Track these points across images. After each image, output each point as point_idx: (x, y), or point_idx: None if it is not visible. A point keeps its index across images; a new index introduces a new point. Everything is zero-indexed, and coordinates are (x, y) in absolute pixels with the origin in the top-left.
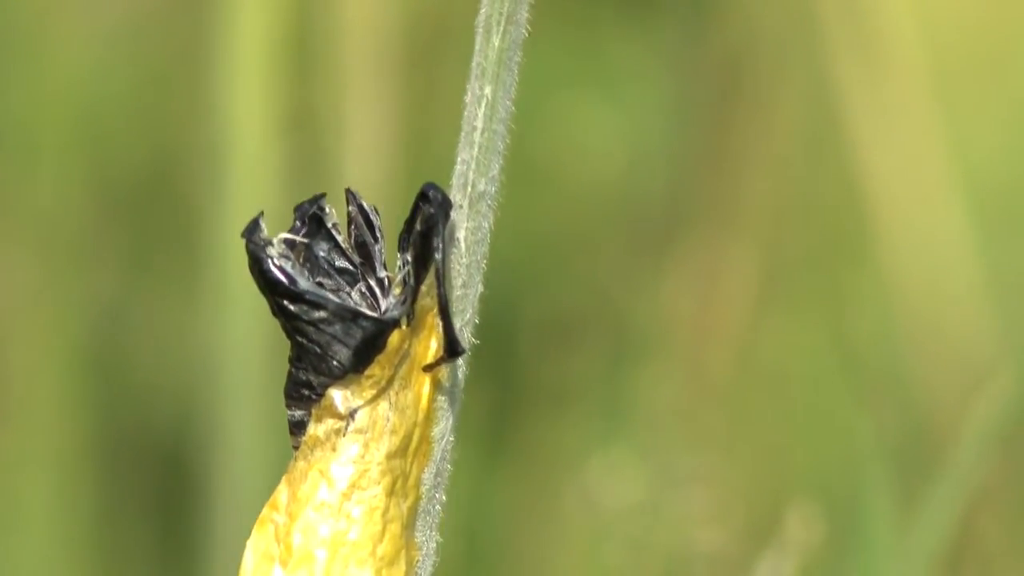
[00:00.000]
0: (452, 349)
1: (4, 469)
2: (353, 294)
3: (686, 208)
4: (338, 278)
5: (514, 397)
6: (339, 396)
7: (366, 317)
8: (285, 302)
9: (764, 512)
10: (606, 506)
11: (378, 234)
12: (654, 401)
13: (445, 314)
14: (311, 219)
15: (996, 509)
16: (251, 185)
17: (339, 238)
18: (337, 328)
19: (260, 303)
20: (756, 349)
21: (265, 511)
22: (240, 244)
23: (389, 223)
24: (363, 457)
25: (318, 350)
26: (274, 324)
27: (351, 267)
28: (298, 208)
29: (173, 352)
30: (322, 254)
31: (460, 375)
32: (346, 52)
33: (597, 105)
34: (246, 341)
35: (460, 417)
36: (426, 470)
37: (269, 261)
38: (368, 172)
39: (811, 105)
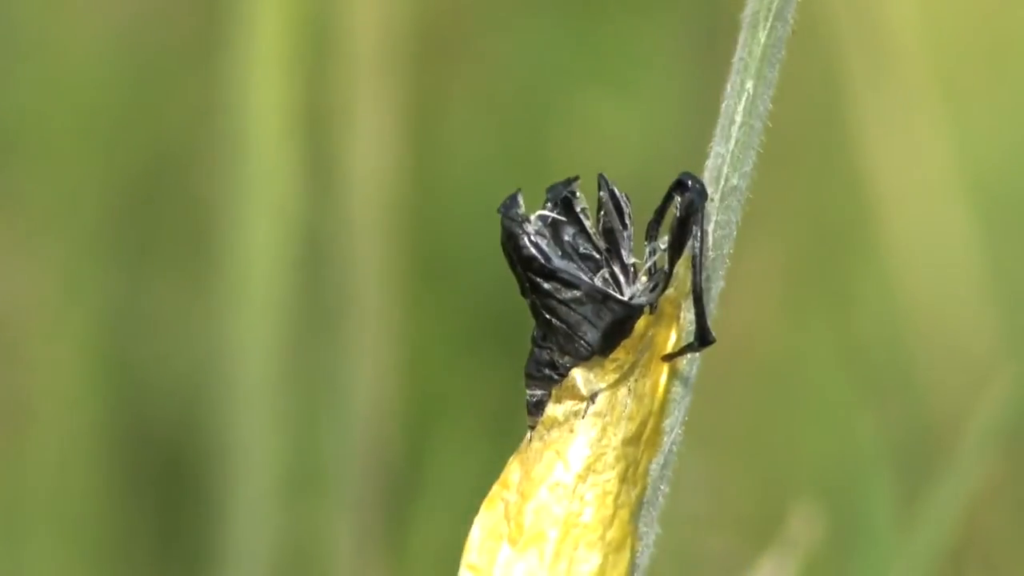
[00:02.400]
0: (704, 338)
1: (13, 467)
2: (596, 280)
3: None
4: (580, 263)
5: (522, 389)
6: (582, 377)
7: (618, 300)
8: (539, 279)
9: (768, 511)
10: None
11: (627, 220)
12: None
13: (699, 302)
14: (562, 202)
15: (999, 508)
16: (263, 182)
17: (587, 223)
18: (588, 309)
19: (271, 302)
20: (763, 350)
21: (495, 489)
22: (252, 243)
23: (401, 219)
24: (600, 441)
25: (567, 330)
26: (284, 323)
27: (595, 254)
28: (551, 189)
29: (184, 350)
30: (567, 238)
31: (695, 368)
32: (358, 49)
33: (612, 100)
34: (257, 339)
35: (690, 410)
36: (654, 460)
37: (525, 237)
38: (381, 168)
39: (819, 105)
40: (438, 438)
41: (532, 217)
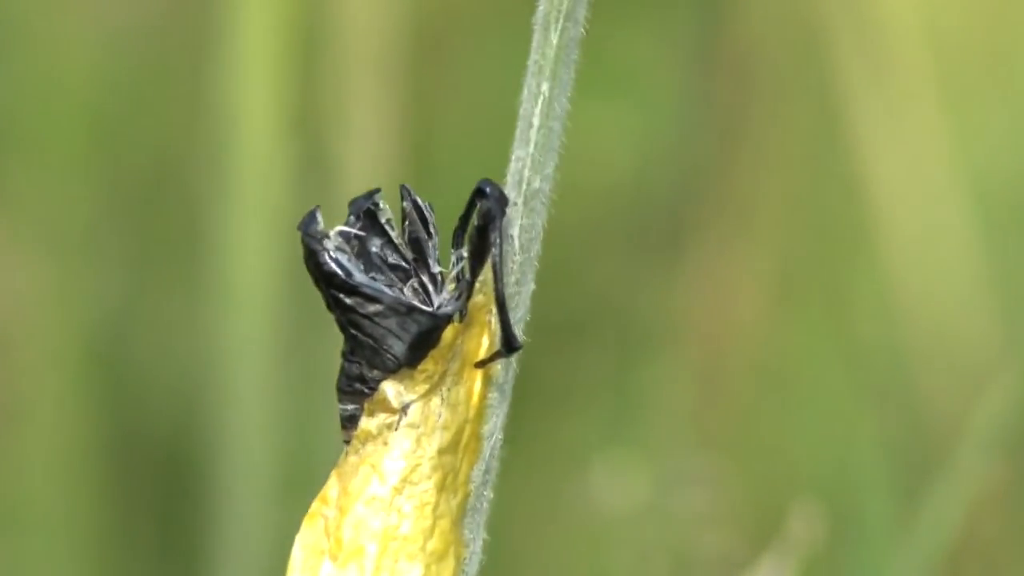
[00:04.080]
0: (509, 345)
1: (10, 468)
2: (405, 290)
3: (695, 208)
4: (390, 274)
5: (520, 397)
6: (392, 390)
7: (421, 312)
8: (340, 295)
9: (768, 513)
10: (610, 507)
11: (432, 230)
12: (660, 402)
13: (503, 309)
14: (365, 214)
15: (998, 510)
16: (256, 184)
17: (392, 234)
18: (392, 322)
19: (265, 302)
20: (762, 350)
21: (315, 505)
22: (247, 244)
23: (396, 221)
24: (415, 452)
25: (372, 343)
26: (279, 324)
27: (404, 263)
28: (352, 203)
29: (178, 351)
30: (375, 249)
31: (511, 373)
32: (351, 50)
33: (608, 103)
34: (251, 340)
35: (509, 415)
36: (475, 467)
37: (325, 254)
38: (373, 171)
39: (818, 107)
40: None
41: (332, 233)
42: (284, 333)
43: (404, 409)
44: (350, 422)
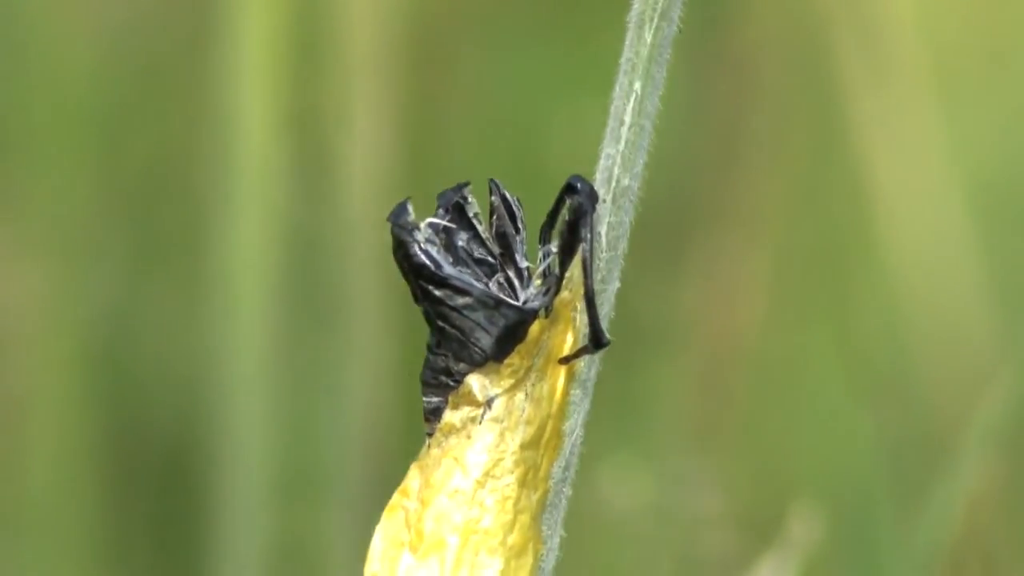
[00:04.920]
0: (597, 341)
1: (9, 468)
2: (491, 284)
3: (695, 210)
4: (476, 268)
5: None
6: (478, 383)
7: (510, 306)
8: (430, 287)
9: (768, 511)
10: (612, 507)
11: (520, 224)
12: (661, 403)
13: (591, 305)
14: (453, 208)
15: (999, 509)
16: (256, 183)
17: (480, 228)
18: (480, 315)
19: (265, 302)
20: (764, 351)
21: (395, 497)
22: (247, 244)
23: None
24: (498, 446)
25: (460, 336)
26: (279, 324)
27: (490, 258)
28: (441, 196)
29: (178, 350)
30: (461, 243)
31: (594, 370)
32: (351, 49)
33: (605, 105)
34: (251, 340)
35: (591, 412)
36: (555, 463)
37: (415, 245)
38: (373, 171)
39: (818, 107)
40: None
41: (422, 225)
42: (284, 333)
43: (489, 403)
44: (433, 415)
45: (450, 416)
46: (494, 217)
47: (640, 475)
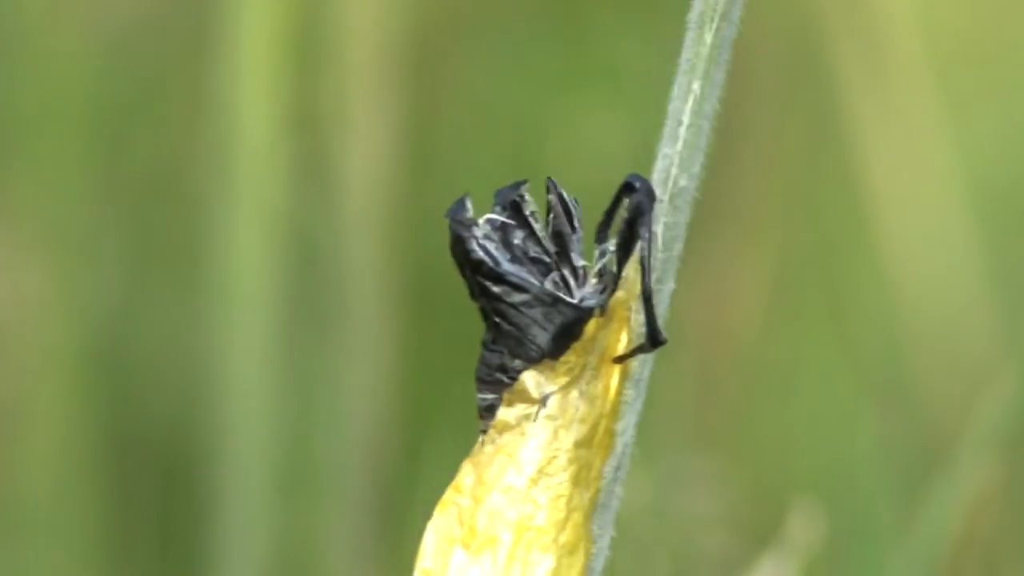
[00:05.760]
0: (654, 339)
1: (10, 468)
2: (547, 283)
3: (693, 208)
4: (531, 266)
5: None
6: (533, 381)
7: (567, 303)
8: (487, 283)
9: (768, 513)
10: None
11: (576, 224)
12: (660, 402)
13: (648, 304)
14: (511, 205)
15: (999, 510)
16: (256, 185)
17: (536, 226)
18: (537, 312)
19: (265, 302)
20: (762, 350)
21: (448, 494)
22: (246, 245)
23: (395, 221)
24: (552, 444)
25: (516, 333)
26: (279, 324)
27: (545, 256)
28: (498, 193)
29: (178, 351)
30: (517, 241)
31: (647, 370)
32: (351, 51)
33: (602, 106)
34: (252, 340)
35: (643, 413)
36: (607, 463)
37: (473, 241)
38: (374, 171)
39: (818, 107)
40: (434, 439)
41: (480, 221)
42: (284, 333)
43: (543, 400)
44: (488, 412)
45: (504, 413)
46: (551, 216)
47: (638, 474)
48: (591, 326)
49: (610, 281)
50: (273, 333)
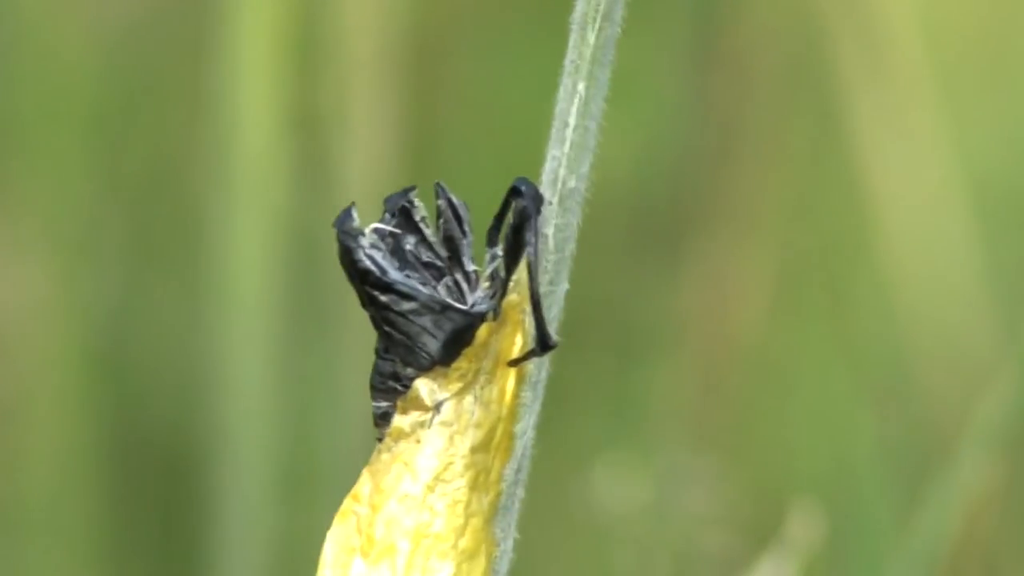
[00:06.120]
0: (544, 343)
1: (9, 467)
2: (439, 288)
3: (693, 208)
4: (424, 272)
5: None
6: (426, 388)
7: (456, 309)
8: (375, 292)
9: (768, 513)
10: (611, 507)
11: (466, 228)
12: (660, 402)
13: (537, 307)
14: (400, 211)
15: (999, 510)
16: (256, 184)
17: (427, 232)
18: (427, 319)
19: (265, 302)
20: (763, 350)
21: (347, 503)
22: (246, 245)
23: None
24: (447, 450)
25: (407, 341)
26: (279, 323)
27: (437, 261)
28: (387, 200)
29: (178, 350)
30: (408, 247)
31: (544, 372)
32: (351, 50)
33: (607, 103)
34: (251, 339)
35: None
36: (508, 466)
37: (360, 251)
38: (374, 171)
39: (818, 107)
40: None
41: (367, 230)
42: (284, 333)
43: (437, 407)
44: (383, 419)
45: (399, 421)
46: (441, 220)
47: (638, 474)
48: (483, 331)
49: (499, 286)
50: (273, 333)
